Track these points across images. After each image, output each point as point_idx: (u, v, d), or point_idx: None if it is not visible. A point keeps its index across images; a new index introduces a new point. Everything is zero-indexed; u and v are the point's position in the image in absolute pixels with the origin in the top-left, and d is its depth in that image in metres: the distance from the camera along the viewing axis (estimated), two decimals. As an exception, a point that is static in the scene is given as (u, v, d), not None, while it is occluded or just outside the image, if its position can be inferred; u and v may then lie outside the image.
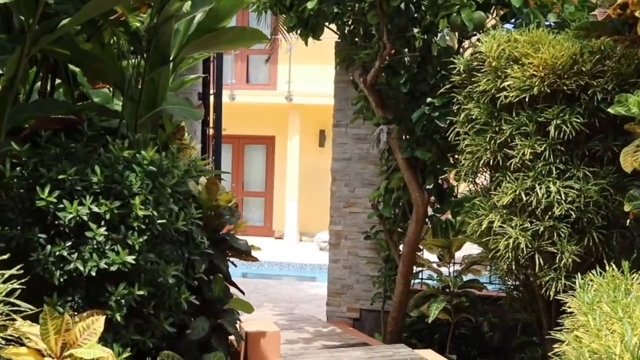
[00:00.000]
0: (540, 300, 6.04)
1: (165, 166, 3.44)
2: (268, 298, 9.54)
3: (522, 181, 5.41)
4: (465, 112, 5.87)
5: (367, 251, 8.09)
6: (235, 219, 4.61)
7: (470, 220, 5.88)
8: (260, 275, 15.83)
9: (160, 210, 3.33)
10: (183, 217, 3.52)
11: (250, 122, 19.20)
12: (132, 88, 3.70)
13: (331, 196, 8.23)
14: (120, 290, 3.25)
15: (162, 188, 3.36)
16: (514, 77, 5.42)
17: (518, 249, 5.36)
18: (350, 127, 8.10)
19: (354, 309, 8.17)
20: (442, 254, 7.10)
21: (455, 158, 6.52)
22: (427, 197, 6.70)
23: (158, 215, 3.32)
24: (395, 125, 6.63)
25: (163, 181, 3.37)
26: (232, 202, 4.65)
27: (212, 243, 4.50)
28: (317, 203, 19.12)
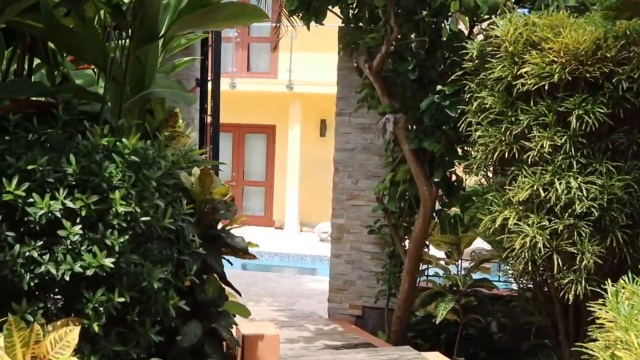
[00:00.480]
0: (557, 303, 5.64)
1: (151, 156, 3.02)
2: (267, 292, 9.14)
3: (540, 176, 5.01)
4: (478, 100, 5.46)
5: (370, 246, 7.68)
6: (231, 213, 4.19)
7: (483, 216, 5.47)
8: (260, 266, 15.45)
9: (144, 206, 2.92)
10: (171, 214, 3.10)
11: (250, 110, 18.84)
12: (115, 68, 3.28)
13: (333, 188, 7.81)
14: (98, 296, 2.84)
15: (146, 181, 2.94)
16: (532, 63, 5.01)
17: (535, 249, 4.97)
18: (354, 116, 7.68)
19: (356, 306, 7.77)
20: (450, 250, 6.69)
21: (466, 150, 6.11)
22: (435, 190, 6.28)
23: (141, 212, 2.90)
24: (402, 115, 6.22)
25: (148, 173, 2.96)
26: (228, 196, 4.24)
27: (206, 240, 4.09)
28: (317, 193, 18.74)
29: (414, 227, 6.51)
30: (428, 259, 6.80)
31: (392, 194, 6.74)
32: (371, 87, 6.78)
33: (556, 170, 4.96)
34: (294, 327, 7.28)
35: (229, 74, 18.13)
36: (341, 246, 7.79)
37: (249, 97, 18.41)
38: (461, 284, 6.27)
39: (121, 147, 2.87)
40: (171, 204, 3.28)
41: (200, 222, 4.07)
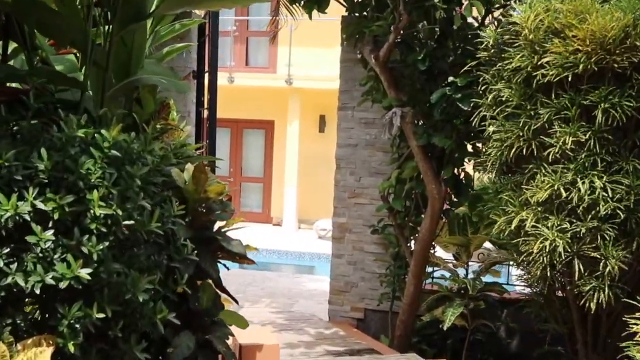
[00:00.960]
0: (575, 311, 5.25)
1: (136, 151, 2.61)
2: (266, 292, 8.73)
3: (562, 174, 4.61)
4: (494, 93, 5.06)
5: (373, 246, 7.28)
6: (227, 214, 3.79)
7: (497, 217, 5.07)
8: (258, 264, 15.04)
9: (127, 207, 2.51)
10: (159, 216, 2.69)
11: (249, 105, 18.50)
12: (97, 50, 2.87)
13: (335, 185, 7.41)
14: (74, 311, 2.44)
15: (129, 179, 2.53)
16: (555, 52, 4.61)
17: (554, 253, 4.57)
18: (357, 111, 7.27)
19: (358, 308, 7.37)
20: (458, 252, 6.28)
21: (477, 146, 5.72)
22: (444, 189, 5.88)
23: (124, 215, 2.49)
24: (409, 108, 5.81)
25: (131, 170, 2.55)
26: (224, 194, 3.84)
27: (200, 243, 3.69)
28: (316, 190, 18.37)
29: (421, 227, 6.11)
30: (435, 261, 6.40)
31: (398, 193, 6.33)
32: (376, 79, 6.38)
33: (579, 169, 4.57)
34: (293, 330, 6.88)
35: (227, 68, 17.78)
36: (343, 246, 7.39)
37: (247, 92, 18.07)
38: (471, 288, 5.87)
39: (100, 140, 2.46)
40: (159, 205, 2.88)
41: (193, 223, 3.66)
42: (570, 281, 5.00)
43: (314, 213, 18.10)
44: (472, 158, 5.66)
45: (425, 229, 6.03)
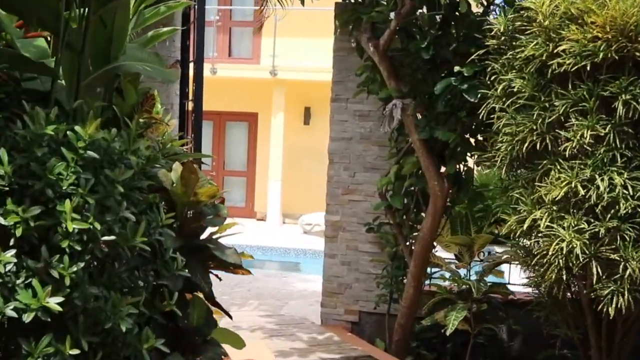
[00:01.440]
0: (589, 315, 4.90)
1: (117, 151, 2.18)
2: (253, 294, 8.32)
3: (579, 171, 4.25)
4: (504, 84, 4.68)
5: (368, 245, 6.88)
6: (220, 219, 3.38)
7: (507, 216, 4.71)
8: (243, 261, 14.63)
9: (106, 220, 2.08)
10: (144, 229, 2.26)
11: (232, 97, 18.05)
12: (71, 31, 2.43)
13: (328, 181, 6.99)
14: (43, 347, 2.01)
15: (110, 185, 2.11)
16: (572, 40, 4.23)
17: (571, 255, 4.21)
18: (351, 102, 6.86)
19: (352, 311, 6.98)
20: (460, 252, 5.90)
21: (483, 140, 5.34)
22: (447, 186, 5.49)
23: (103, 229, 2.06)
24: (410, 100, 5.41)
25: (112, 174, 2.12)
26: (216, 197, 3.42)
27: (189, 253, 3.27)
28: (301, 184, 17.97)
29: (422, 226, 5.71)
30: (436, 261, 6.01)
31: (397, 190, 5.93)
32: (373, 69, 5.98)
33: (597, 165, 4.21)
34: (284, 336, 6.47)
35: (209, 59, 17.29)
36: (336, 245, 6.98)
37: (230, 84, 17.62)
38: (475, 290, 5.48)
39: (73, 139, 2.03)
40: (145, 213, 2.45)
41: (182, 230, 3.25)
42: (585, 284, 4.65)
43: (299, 207, 17.70)
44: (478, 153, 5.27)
45: (427, 228, 5.64)
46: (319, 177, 17.63)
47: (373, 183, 6.82)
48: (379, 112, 6.71)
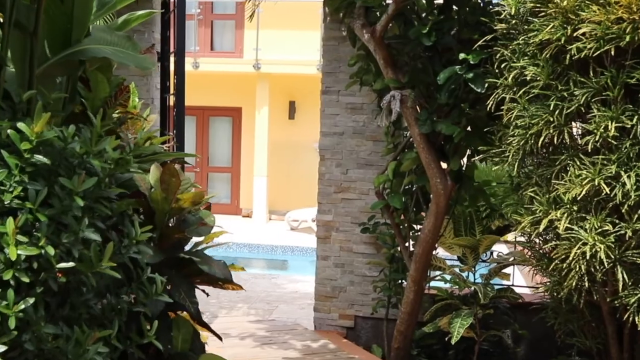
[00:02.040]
0: (609, 324, 4.49)
1: (77, 154, 1.72)
2: (242, 296, 7.85)
3: (602, 167, 3.82)
4: (515, 72, 4.24)
5: (363, 246, 6.45)
6: (206, 228, 2.92)
7: (520, 217, 4.27)
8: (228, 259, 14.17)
9: (63, 242, 1.62)
10: (114, 250, 1.81)
11: (215, 92, 17.60)
12: (20, 7, 1.96)
13: (319, 179, 6.54)
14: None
15: (67, 197, 1.64)
16: (593, 22, 3.80)
17: (594, 260, 3.79)
18: (343, 95, 6.41)
19: (347, 316, 6.54)
20: (465, 254, 5.47)
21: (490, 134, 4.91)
22: (450, 183, 5.05)
23: (59, 253, 1.60)
24: (410, 91, 4.96)
25: (70, 184, 1.66)
26: (202, 203, 2.96)
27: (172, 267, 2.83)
28: (287, 179, 17.52)
29: (423, 227, 5.27)
30: (438, 264, 5.58)
31: (396, 188, 5.48)
32: (366, 58, 5.53)
33: (623, 160, 3.79)
34: (276, 344, 6.03)
35: (191, 53, 16.81)
36: (329, 247, 6.53)
37: (213, 78, 17.16)
38: (482, 295, 5.05)
39: (16, 139, 1.57)
40: (116, 228, 2.00)
41: (162, 242, 2.79)
42: (607, 291, 4.24)
43: (285, 204, 17.26)
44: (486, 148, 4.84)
45: (428, 229, 5.20)
46: (305, 173, 17.30)
47: (367, 180, 6.39)
48: (373, 105, 6.29)
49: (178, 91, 6.11)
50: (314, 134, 17.56)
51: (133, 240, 2.02)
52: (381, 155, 6.17)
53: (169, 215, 2.78)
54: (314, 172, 6.67)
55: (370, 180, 6.35)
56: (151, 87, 7.08)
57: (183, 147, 5.98)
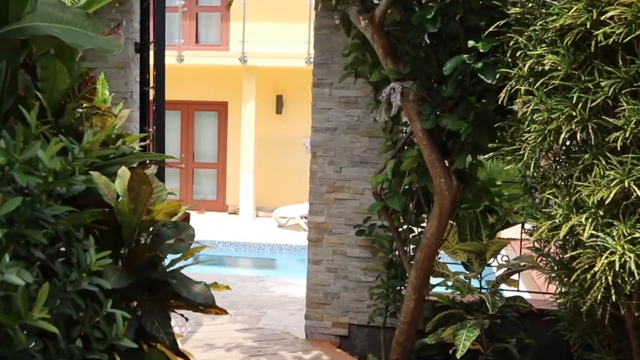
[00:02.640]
0: (634, 339, 4.06)
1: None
2: (227, 301, 7.37)
3: (632, 167, 3.37)
4: (531, 61, 3.78)
5: (358, 250, 5.99)
6: (185, 245, 2.45)
7: (537, 222, 3.82)
8: (214, 258, 13.70)
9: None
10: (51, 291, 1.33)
11: (200, 86, 17.11)
12: None
13: (310, 178, 6.07)
14: None
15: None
16: (623, 4, 3.35)
17: (623, 271, 3.35)
18: (336, 88, 5.94)
19: (340, 324, 6.08)
20: (470, 260, 5.01)
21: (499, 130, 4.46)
22: (456, 184, 4.60)
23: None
24: (412, 82, 4.50)
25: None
26: (179, 214, 2.48)
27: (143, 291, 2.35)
28: (274, 175, 17.04)
29: (425, 230, 4.81)
30: (441, 270, 5.12)
31: (395, 188, 5.02)
32: (362, 48, 5.07)
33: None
34: (265, 355, 5.56)
35: (175, 46, 16.33)
36: (321, 250, 6.07)
37: (198, 72, 16.67)
38: (490, 305, 4.61)
39: None
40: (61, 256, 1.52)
41: (131, 262, 2.32)
42: (633, 304, 3.80)
43: (273, 200, 16.80)
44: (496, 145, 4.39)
45: (431, 233, 4.74)
46: (293, 168, 16.82)
47: (362, 179, 5.93)
48: (369, 99, 5.83)
49: (158, 84, 5.62)
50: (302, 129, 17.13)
51: (83, 273, 1.55)
52: (378, 152, 5.71)
53: (140, 229, 2.31)
54: (302, 168, 6.22)
55: (366, 179, 5.90)
56: (130, 80, 6.58)
57: (163, 144, 5.49)
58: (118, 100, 6.87)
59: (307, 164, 6.08)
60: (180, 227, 2.50)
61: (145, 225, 2.31)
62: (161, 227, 2.41)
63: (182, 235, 2.46)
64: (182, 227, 2.51)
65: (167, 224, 2.43)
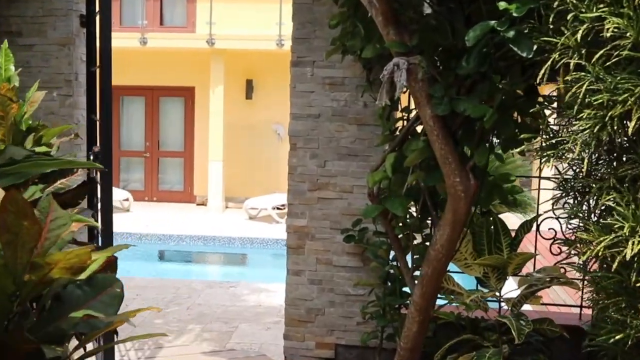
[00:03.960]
0: None
1: None
2: (194, 314, 6.39)
3: None
4: (584, 26, 2.85)
5: (346, 258, 5.04)
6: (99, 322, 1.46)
7: (589, 236, 2.90)
8: (182, 254, 12.71)
9: None
10: None
11: (165, 70, 16.04)
12: None
13: (289, 173, 5.09)
14: None
15: None
16: None
17: None
18: (319, 67, 4.96)
19: (326, 344, 5.13)
20: (486, 275, 4.08)
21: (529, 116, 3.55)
22: (474, 184, 3.65)
23: None
24: (420, 58, 3.53)
25: None
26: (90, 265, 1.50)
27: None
28: (245, 164, 16.04)
29: (434, 241, 3.86)
30: (451, 287, 4.18)
31: (396, 188, 4.06)
32: (353, 17, 4.13)
33: None
34: (237, 387, 4.61)
35: (138, 28, 15.26)
36: (302, 259, 5.10)
37: (163, 55, 15.59)
38: (515, 332, 3.69)
39: None
40: None
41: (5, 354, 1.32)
42: None
43: (243, 191, 15.81)
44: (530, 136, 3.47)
45: (441, 243, 3.79)
46: (264, 157, 15.80)
47: (350, 174, 4.98)
48: (358, 80, 4.89)
49: (103, 63, 4.58)
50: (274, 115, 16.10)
51: None
52: (376, 145, 4.76)
53: (21, 298, 1.33)
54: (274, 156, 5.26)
55: (354, 174, 4.95)
56: (74, 59, 5.55)
57: (110, 135, 4.46)
58: (61, 83, 5.85)
59: (279, 152, 5.13)
60: (98, 283, 1.53)
61: (31, 290, 1.34)
62: (62, 290, 1.44)
63: (103, 297, 1.49)
64: (102, 283, 1.53)
65: (75, 282, 1.47)
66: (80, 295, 1.51)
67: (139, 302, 6.69)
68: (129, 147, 16.68)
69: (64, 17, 5.50)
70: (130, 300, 6.78)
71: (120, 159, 16.59)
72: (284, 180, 5.56)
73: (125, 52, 14.73)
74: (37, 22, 5.57)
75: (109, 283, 1.57)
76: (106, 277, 1.59)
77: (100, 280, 1.57)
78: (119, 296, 1.58)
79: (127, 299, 6.12)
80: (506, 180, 4.49)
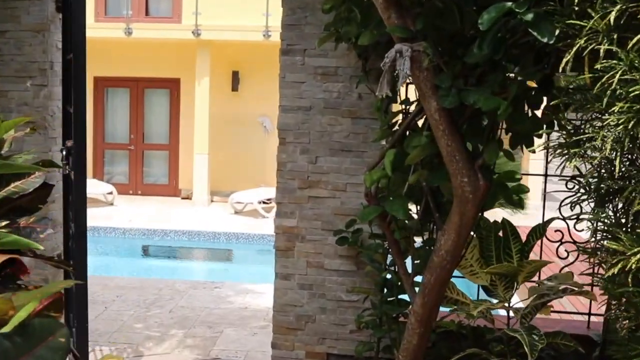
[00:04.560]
0: None
1: None
2: (176, 317, 6.00)
3: None
4: (617, 7, 2.49)
5: (338, 261, 4.67)
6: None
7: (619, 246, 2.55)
8: (165, 250, 12.31)
9: None
10: None
11: (150, 61, 15.60)
12: None
13: (278, 170, 4.70)
14: None
15: None
16: None
17: None
18: (311, 56, 4.58)
19: (316, 354, 4.77)
20: (494, 284, 3.72)
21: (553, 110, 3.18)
22: (483, 184, 3.28)
23: None
24: (425, 44, 3.15)
25: None
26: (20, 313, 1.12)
27: None
28: (230, 158, 15.63)
29: (439, 246, 3.49)
30: (455, 296, 3.83)
31: (396, 188, 3.70)
32: (347, 2, 3.78)
33: None
34: (222, 401, 4.23)
35: (123, 18, 14.80)
36: (291, 262, 4.72)
37: (148, 46, 15.14)
38: (528, 348, 3.34)
39: None
40: None
41: None
42: None
43: (229, 184, 15.41)
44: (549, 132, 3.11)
45: (446, 249, 3.43)
46: (250, 150, 15.38)
47: (344, 172, 4.60)
48: (352, 69, 4.51)
49: (76, 50, 4.17)
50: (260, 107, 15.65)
51: None
52: (372, 140, 4.39)
53: None
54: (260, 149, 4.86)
55: (348, 171, 4.58)
56: (49, 47, 5.13)
57: (84, 129, 4.06)
58: (35, 72, 5.42)
59: (265, 145, 4.74)
60: (35, 332, 1.14)
61: None
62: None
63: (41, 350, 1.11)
64: (40, 332, 1.15)
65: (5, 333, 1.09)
66: (9, 349, 1.12)
67: (119, 304, 6.30)
68: (113, 140, 16.23)
69: (38, 2, 5.08)
70: (110, 302, 6.38)
71: (104, 152, 16.15)
72: (270, 174, 5.18)
73: (110, 42, 14.30)
74: (9, 7, 5.14)
75: (51, 331, 1.18)
76: (46, 322, 1.20)
77: (37, 328, 1.18)
78: (63, 348, 1.19)
79: (107, 301, 5.70)
80: (511, 179, 4.12)
